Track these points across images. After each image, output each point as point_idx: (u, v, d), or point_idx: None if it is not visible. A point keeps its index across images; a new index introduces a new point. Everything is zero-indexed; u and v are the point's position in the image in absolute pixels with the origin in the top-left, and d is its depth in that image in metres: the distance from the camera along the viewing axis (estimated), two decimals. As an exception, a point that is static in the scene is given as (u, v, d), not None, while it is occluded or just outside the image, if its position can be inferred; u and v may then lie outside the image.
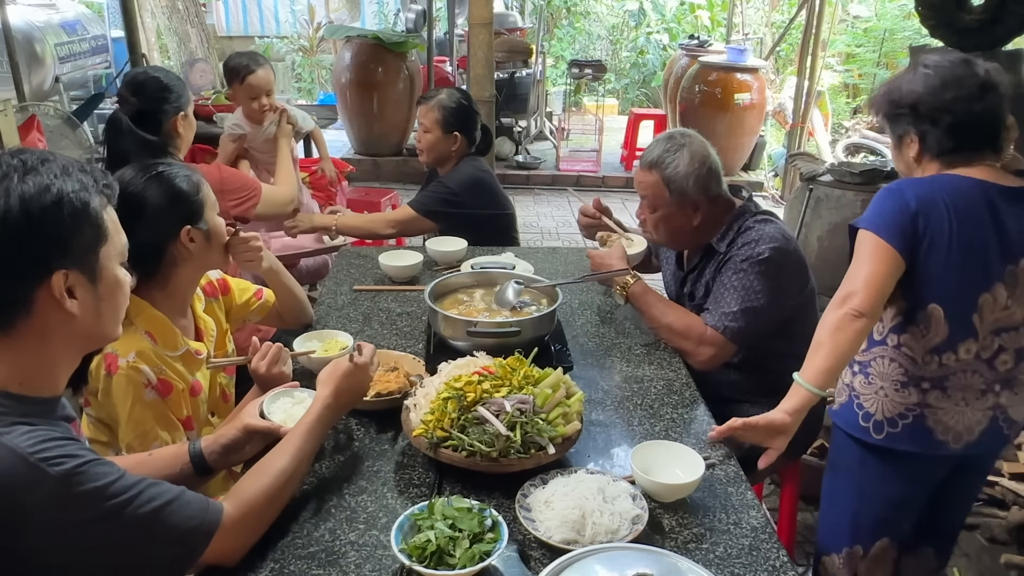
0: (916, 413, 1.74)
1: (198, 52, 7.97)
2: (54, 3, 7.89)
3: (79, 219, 1.05)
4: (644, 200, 2.08)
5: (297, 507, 1.38)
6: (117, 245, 1.13)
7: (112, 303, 1.13)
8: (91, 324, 1.10)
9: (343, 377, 1.47)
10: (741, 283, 1.95)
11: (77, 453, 1.02)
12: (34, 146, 3.81)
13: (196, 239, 1.66)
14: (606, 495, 1.33)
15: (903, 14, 8.82)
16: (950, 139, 1.70)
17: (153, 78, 2.41)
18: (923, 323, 1.70)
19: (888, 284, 1.65)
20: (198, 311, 1.82)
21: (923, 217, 1.65)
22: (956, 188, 1.67)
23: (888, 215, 1.68)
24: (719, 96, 6.88)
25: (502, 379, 1.52)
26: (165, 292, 1.67)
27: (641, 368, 1.95)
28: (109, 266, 1.11)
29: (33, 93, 6.36)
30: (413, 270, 2.46)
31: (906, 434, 1.75)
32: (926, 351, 1.71)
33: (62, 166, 1.06)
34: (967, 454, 1.78)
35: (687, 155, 1.99)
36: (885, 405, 1.76)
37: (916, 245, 1.66)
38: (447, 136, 2.85)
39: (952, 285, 1.67)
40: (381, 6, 11.40)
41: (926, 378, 1.72)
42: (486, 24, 4.91)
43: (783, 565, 1.27)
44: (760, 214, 2.04)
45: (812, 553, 2.62)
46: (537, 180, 7.26)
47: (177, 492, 1.11)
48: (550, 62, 10.24)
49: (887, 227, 1.66)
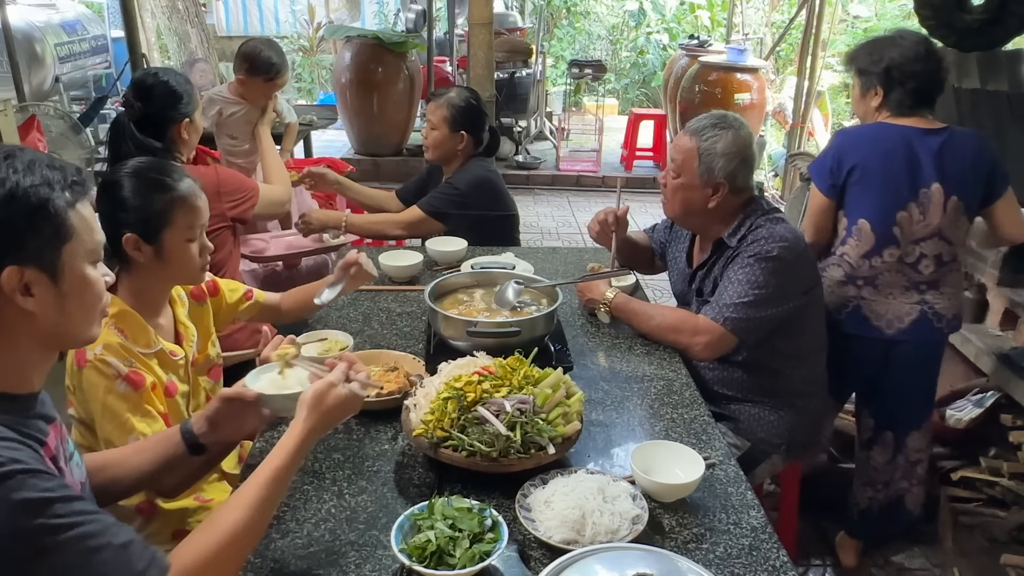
0: (854, 304, 2.32)
1: (198, 52, 7.96)
2: (54, 3, 7.89)
3: (34, 216, 1.01)
4: (672, 163, 2.08)
5: (297, 507, 1.38)
6: (87, 243, 1.08)
7: (80, 303, 1.09)
8: (56, 323, 1.07)
9: (336, 407, 1.26)
10: (746, 277, 1.95)
11: (21, 459, 0.94)
12: (34, 146, 3.81)
13: (144, 251, 1.63)
14: (606, 495, 1.33)
15: (903, 14, 8.83)
16: (908, 99, 2.27)
17: (161, 83, 2.37)
18: (856, 235, 2.29)
19: (823, 219, 2.36)
20: (180, 315, 1.80)
21: (845, 156, 2.29)
22: (882, 131, 2.28)
23: (818, 167, 2.37)
24: (719, 96, 6.87)
25: (502, 379, 1.52)
26: (130, 290, 1.66)
27: (641, 368, 1.95)
28: (74, 265, 1.06)
29: (33, 93, 6.36)
30: (413, 270, 2.46)
31: (848, 320, 2.32)
32: (859, 256, 2.30)
33: (27, 162, 1.02)
34: (903, 339, 2.31)
35: (730, 137, 1.99)
36: (831, 300, 2.33)
37: (844, 180, 2.29)
38: (454, 134, 2.85)
39: (875, 204, 2.26)
40: (381, 6, 11.40)
41: (860, 277, 2.31)
42: (486, 24, 4.92)
43: (783, 565, 1.27)
44: (771, 212, 2.04)
45: (813, 553, 2.63)
46: (537, 180, 7.26)
47: (125, 539, 0.98)
48: (550, 62, 10.25)
49: (818, 177, 2.36)
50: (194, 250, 1.69)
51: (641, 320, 2.10)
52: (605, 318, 2.16)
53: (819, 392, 2.20)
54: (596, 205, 6.64)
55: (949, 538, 2.64)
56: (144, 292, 1.68)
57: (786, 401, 2.09)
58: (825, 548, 2.68)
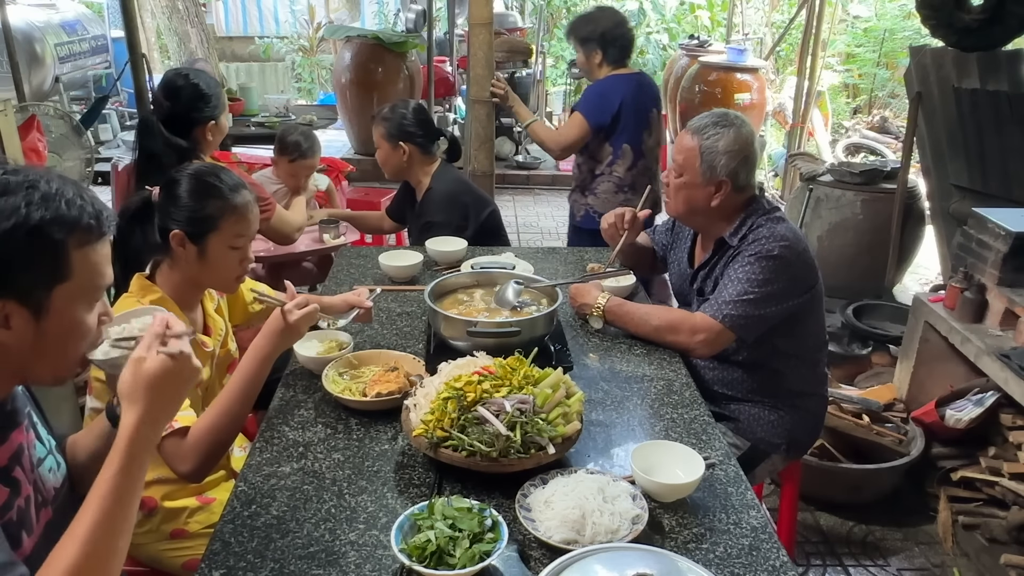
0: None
1: (198, 52, 7.96)
2: (54, 3, 7.90)
3: (33, 252, 0.97)
4: (675, 163, 2.08)
5: (297, 507, 1.38)
6: (86, 286, 1.03)
7: (59, 344, 1.03)
8: (25, 360, 1.01)
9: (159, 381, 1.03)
10: (746, 275, 1.95)
11: None
12: (34, 146, 3.81)
13: (188, 250, 1.69)
14: (606, 495, 1.33)
15: (903, 14, 8.83)
16: (619, 54, 3.24)
17: (191, 85, 2.49)
18: (622, 156, 3.27)
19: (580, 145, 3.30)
20: (209, 310, 1.86)
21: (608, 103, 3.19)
22: (625, 79, 3.25)
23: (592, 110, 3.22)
24: (719, 96, 6.87)
25: (502, 379, 1.51)
26: (169, 280, 1.73)
27: (641, 368, 1.95)
28: (65, 306, 1.01)
29: (33, 93, 6.37)
30: (413, 270, 2.46)
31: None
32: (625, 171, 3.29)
33: (46, 194, 0.97)
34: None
35: (732, 135, 1.99)
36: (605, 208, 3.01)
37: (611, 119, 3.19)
38: (395, 149, 2.88)
39: (631, 133, 3.24)
40: (381, 6, 11.40)
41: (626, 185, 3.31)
42: (486, 24, 4.89)
43: (783, 565, 1.27)
44: (772, 211, 2.04)
45: (813, 553, 2.63)
46: (537, 180, 7.25)
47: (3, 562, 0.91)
48: (550, 62, 10.24)
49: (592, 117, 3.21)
50: (235, 258, 1.74)
51: (637, 323, 2.08)
52: (597, 323, 2.14)
53: (819, 392, 2.20)
54: (596, 205, 6.64)
55: (949, 538, 2.65)
56: (180, 286, 1.74)
57: (786, 401, 2.09)
58: (825, 548, 2.68)
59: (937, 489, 2.77)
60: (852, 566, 2.59)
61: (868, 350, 3.68)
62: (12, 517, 1.04)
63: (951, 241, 3.22)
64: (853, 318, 3.74)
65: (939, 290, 3.21)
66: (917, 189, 4.19)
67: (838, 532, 2.76)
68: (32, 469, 1.11)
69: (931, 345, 3.04)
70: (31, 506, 1.10)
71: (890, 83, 8.99)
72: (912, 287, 4.59)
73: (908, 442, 2.91)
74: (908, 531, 2.75)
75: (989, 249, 2.78)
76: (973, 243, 2.89)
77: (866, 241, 4.07)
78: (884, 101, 9.10)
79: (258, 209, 1.80)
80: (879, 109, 8.92)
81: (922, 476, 2.87)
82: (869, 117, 8.65)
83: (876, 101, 9.21)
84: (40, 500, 1.13)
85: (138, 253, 1.76)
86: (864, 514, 2.82)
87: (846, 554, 2.65)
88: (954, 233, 3.14)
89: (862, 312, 3.82)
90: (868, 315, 3.83)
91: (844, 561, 2.62)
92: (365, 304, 1.94)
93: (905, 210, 3.99)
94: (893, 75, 8.86)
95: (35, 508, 1.11)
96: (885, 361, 3.58)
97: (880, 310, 3.88)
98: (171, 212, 1.69)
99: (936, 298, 3.02)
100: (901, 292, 4.34)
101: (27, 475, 1.09)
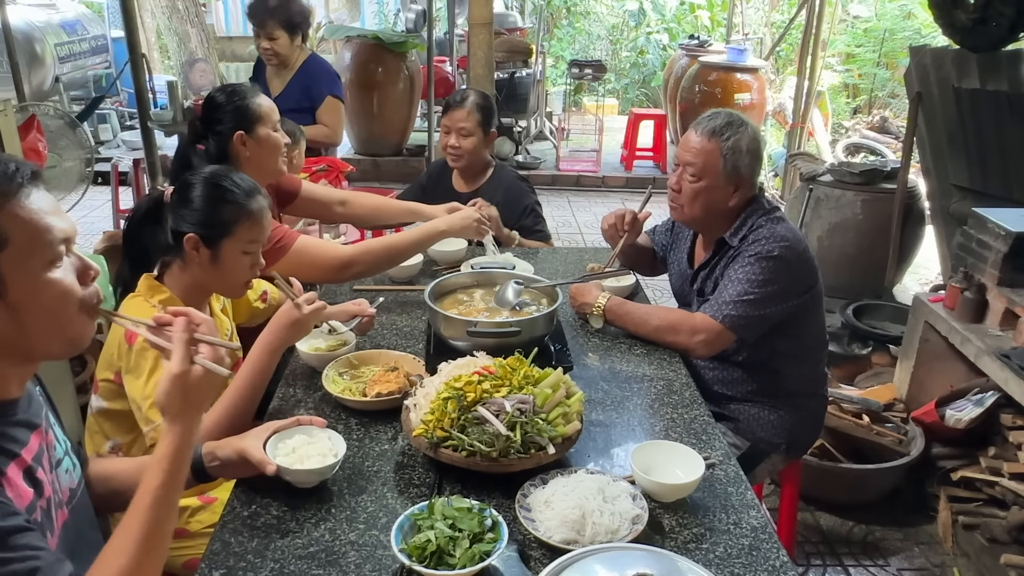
0: None
1: (198, 52, 7.96)
2: (54, 3, 7.89)
3: None
4: (689, 167, 2.02)
5: (297, 507, 1.38)
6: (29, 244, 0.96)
7: (40, 312, 0.98)
8: (14, 337, 0.98)
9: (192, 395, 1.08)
10: (746, 276, 1.95)
11: None
12: (34, 146, 3.80)
13: (200, 253, 1.69)
14: (606, 495, 1.33)
15: (903, 14, 8.83)
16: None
17: (208, 99, 2.27)
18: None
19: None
20: (215, 310, 1.88)
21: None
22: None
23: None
24: (719, 96, 6.87)
25: (502, 379, 1.51)
26: (179, 281, 1.73)
27: (641, 368, 1.95)
28: (19, 274, 0.96)
29: (33, 93, 6.36)
30: (413, 270, 2.46)
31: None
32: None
33: None
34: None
35: (750, 134, 2.00)
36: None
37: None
38: (487, 137, 2.87)
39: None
40: (381, 6, 11.39)
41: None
42: (486, 24, 4.91)
43: (783, 565, 1.27)
44: (772, 211, 2.04)
45: (813, 553, 2.63)
46: (537, 180, 7.23)
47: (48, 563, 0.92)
48: (550, 62, 10.24)
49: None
50: (246, 263, 1.74)
51: (637, 323, 2.07)
52: (597, 323, 2.13)
53: (819, 392, 2.20)
54: (596, 205, 6.65)
55: (949, 538, 2.65)
56: (189, 288, 1.74)
57: (786, 401, 2.09)
58: (825, 548, 2.68)
59: (937, 489, 2.76)
60: (852, 566, 2.60)
61: (868, 350, 3.68)
62: (36, 518, 1.04)
63: (951, 241, 3.22)
64: (853, 318, 3.74)
65: (939, 290, 3.21)
66: (917, 189, 4.19)
67: (838, 532, 2.76)
68: (51, 470, 1.11)
69: (931, 345, 3.04)
70: (51, 507, 1.09)
71: (890, 83, 8.99)
72: (912, 287, 4.59)
73: (908, 442, 2.91)
74: (908, 531, 2.75)
75: (989, 249, 2.78)
76: (973, 243, 2.89)
77: (866, 241, 4.07)
78: (884, 101, 9.10)
79: (271, 215, 1.79)
80: (879, 109, 8.92)
81: (922, 476, 2.87)
82: (869, 117, 8.64)
83: (876, 101, 9.21)
84: (57, 501, 1.13)
85: (147, 252, 1.76)
86: (864, 514, 2.82)
87: (846, 554, 2.65)
88: (954, 233, 3.14)
89: (862, 312, 3.82)
90: (868, 315, 3.83)
91: (844, 561, 2.62)
92: (368, 311, 1.94)
93: (905, 210, 4.00)
94: (893, 75, 8.86)
95: (54, 509, 1.11)
96: (885, 361, 3.58)
97: (880, 310, 3.88)
98: (185, 215, 1.68)
99: (936, 298, 3.02)
100: (901, 292, 4.34)
101: (47, 476, 1.09)
